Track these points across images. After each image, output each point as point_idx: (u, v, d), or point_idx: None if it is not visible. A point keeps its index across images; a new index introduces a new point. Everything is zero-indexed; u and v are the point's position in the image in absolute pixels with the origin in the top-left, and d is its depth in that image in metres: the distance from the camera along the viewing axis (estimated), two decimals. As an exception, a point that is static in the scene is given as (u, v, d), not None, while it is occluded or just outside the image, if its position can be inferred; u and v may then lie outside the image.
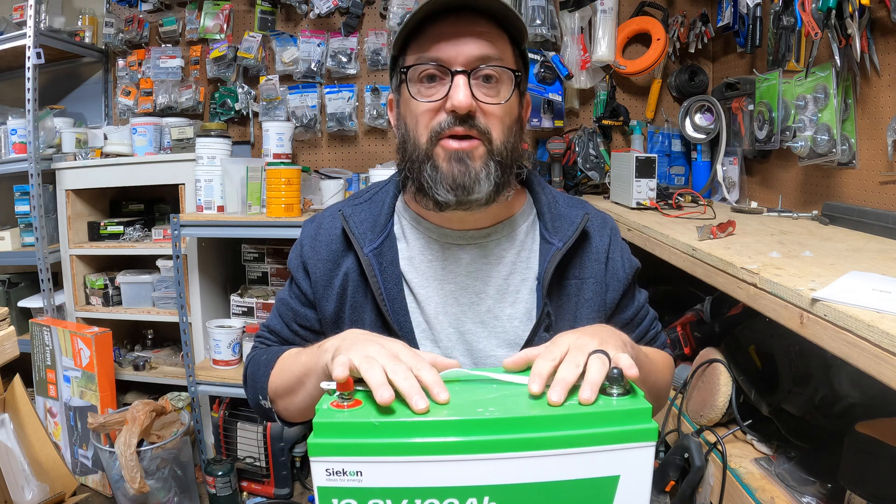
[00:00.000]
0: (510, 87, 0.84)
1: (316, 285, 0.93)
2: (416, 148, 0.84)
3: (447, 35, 0.81)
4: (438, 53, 0.81)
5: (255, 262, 2.52)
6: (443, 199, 0.82)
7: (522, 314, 0.89)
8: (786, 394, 1.14)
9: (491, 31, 0.83)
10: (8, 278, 2.72)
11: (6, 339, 1.39)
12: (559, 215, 0.92)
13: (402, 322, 0.88)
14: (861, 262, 1.04)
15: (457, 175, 0.81)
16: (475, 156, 0.82)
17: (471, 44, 0.81)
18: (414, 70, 0.83)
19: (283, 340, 1.00)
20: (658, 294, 1.86)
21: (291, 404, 0.87)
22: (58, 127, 2.59)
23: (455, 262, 0.90)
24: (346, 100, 2.54)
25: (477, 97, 0.81)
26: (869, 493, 0.89)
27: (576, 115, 2.54)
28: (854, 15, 1.38)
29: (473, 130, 0.81)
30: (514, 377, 0.67)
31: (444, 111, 0.82)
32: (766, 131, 1.81)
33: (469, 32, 0.81)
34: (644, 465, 0.59)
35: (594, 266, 0.92)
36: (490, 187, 0.82)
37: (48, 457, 2.14)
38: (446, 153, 0.82)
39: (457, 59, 0.81)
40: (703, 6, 2.31)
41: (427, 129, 0.83)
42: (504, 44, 0.84)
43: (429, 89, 0.83)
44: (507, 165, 0.84)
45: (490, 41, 0.82)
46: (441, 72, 0.82)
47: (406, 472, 0.57)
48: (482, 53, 0.81)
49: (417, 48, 0.83)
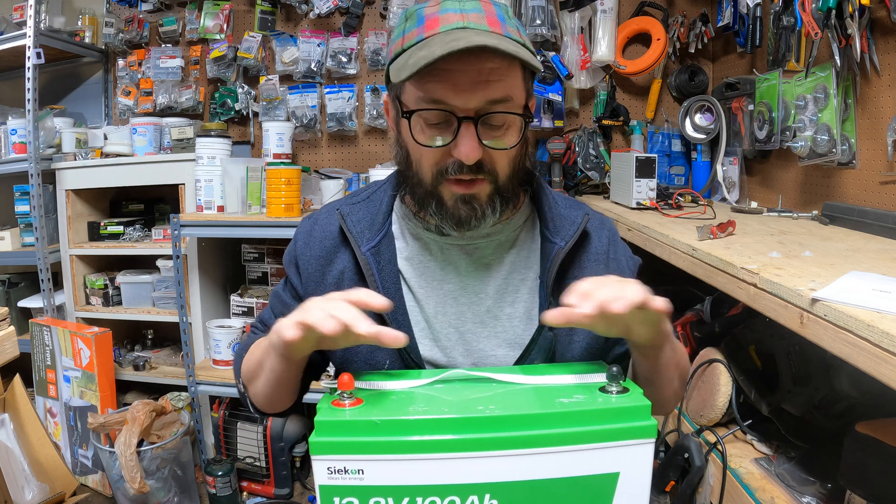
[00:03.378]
0: (518, 132, 0.81)
1: (307, 281, 0.93)
2: (421, 183, 0.83)
3: (454, 76, 0.75)
4: (444, 98, 0.76)
5: (255, 262, 2.52)
6: (447, 232, 0.85)
7: (522, 314, 0.89)
8: (786, 394, 1.14)
9: (500, 65, 0.76)
10: (8, 278, 2.72)
11: (6, 339, 1.39)
12: (560, 216, 0.92)
13: (399, 321, 0.88)
14: (861, 262, 1.04)
15: (463, 216, 0.81)
16: (481, 195, 0.81)
17: (479, 90, 0.76)
18: (418, 114, 0.79)
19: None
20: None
21: (257, 389, 0.89)
22: (58, 127, 2.59)
23: (454, 262, 0.90)
24: (346, 100, 2.54)
25: (484, 142, 0.78)
26: (869, 493, 0.89)
27: (576, 115, 2.54)
28: (854, 15, 1.38)
29: (480, 174, 0.80)
30: (514, 377, 0.67)
31: (449, 156, 0.79)
32: (766, 131, 1.81)
33: (478, 74, 0.75)
34: (643, 462, 0.59)
35: (594, 266, 0.91)
36: (495, 219, 0.84)
37: (48, 457, 2.14)
38: (453, 194, 0.81)
39: (464, 106, 0.76)
40: (703, 6, 2.31)
41: (431, 168, 0.81)
42: (514, 75, 0.79)
43: (432, 129, 0.79)
44: (511, 196, 0.85)
45: (500, 79, 0.76)
46: (446, 117, 0.77)
47: (407, 469, 0.57)
48: (490, 98, 0.76)
49: (420, 83, 0.77)
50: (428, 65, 0.72)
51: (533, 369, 0.76)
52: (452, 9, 0.78)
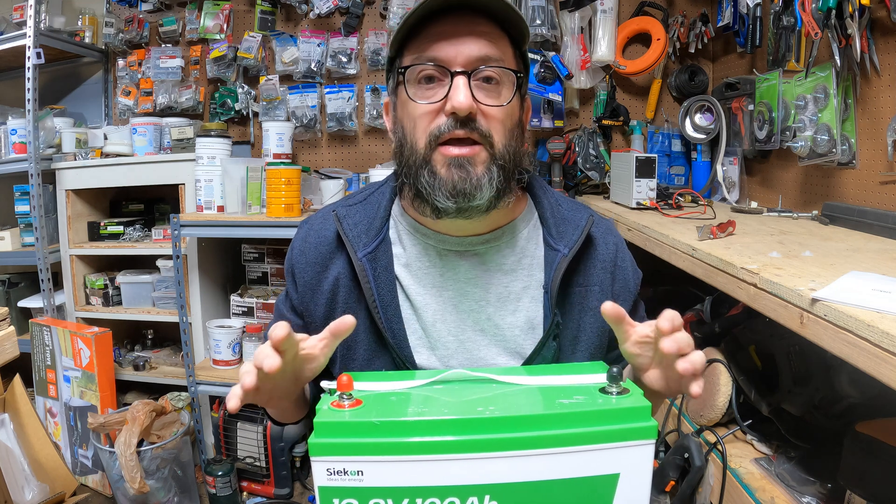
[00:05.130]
0: (511, 88, 0.82)
1: (303, 291, 0.91)
2: (414, 153, 0.82)
3: (446, 34, 0.79)
4: (437, 53, 0.79)
5: (255, 262, 2.52)
6: (442, 205, 0.80)
7: (523, 322, 0.87)
8: (786, 394, 1.14)
9: (492, 31, 0.80)
10: (8, 278, 2.72)
11: (6, 339, 1.39)
12: (563, 219, 0.90)
13: (395, 329, 0.85)
14: (861, 262, 1.04)
15: (457, 181, 0.78)
16: (476, 161, 0.79)
17: (471, 44, 0.79)
18: (412, 71, 0.81)
19: None
20: (658, 294, 1.86)
21: (271, 410, 0.87)
22: (58, 127, 2.59)
23: (454, 269, 0.87)
24: (346, 100, 2.54)
25: (478, 99, 0.79)
26: (869, 493, 0.89)
27: (576, 115, 2.54)
28: (854, 15, 1.38)
29: (475, 133, 0.79)
30: (514, 377, 0.67)
31: (443, 114, 0.79)
32: (766, 131, 1.81)
33: (469, 32, 0.79)
34: (644, 463, 0.59)
35: (600, 274, 0.89)
36: (492, 193, 0.80)
37: (48, 457, 2.14)
38: (445, 159, 0.79)
39: (456, 60, 0.78)
40: (703, 6, 2.31)
41: (425, 132, 0.80)
42: (505, 45, 0.82)
43: (427, 90, 0.80)
44: (509, 170, 0.82)
45: (491, 41, 0.80)
46: (440, 72, 0.79)
47: (407, 471, 0.57)
48: (483, 54, 0.79)
49: (415, 48, 0.81)
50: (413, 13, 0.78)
51: (533, 370, 0.76)
52: None
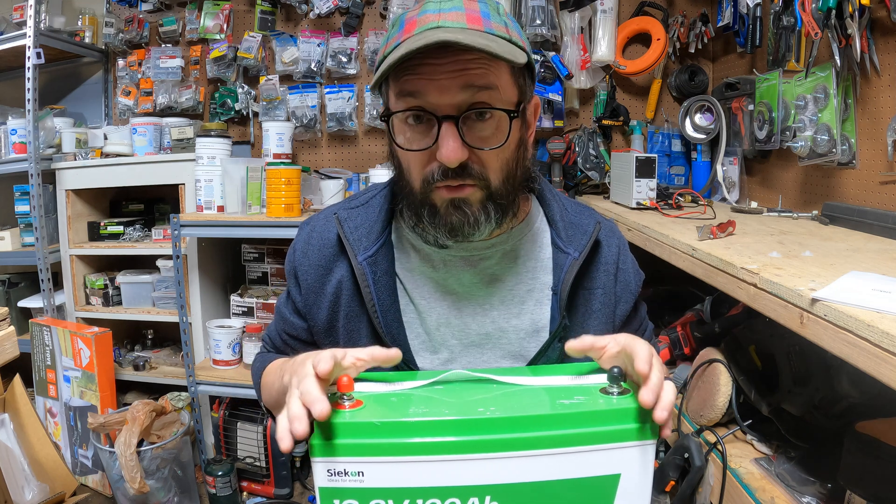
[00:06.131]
0: (507, 126, 0.76)
1: (307, 294, 0.90)
2: (412, 192, 0.80)
3: (431, 73, 0.72)
4: (423, 99, 0.73)
5: (255, 262, 2.52)
6: (442, 242, 0.81)
7: (528, 325, 0.87)
8: (786, 394, 1.14)
9: (481, 57, 0.72)
10: (8, 278, 2.72)
11: (6, 339, 1.39)
12: (571, 223, 0.89)
13: (395, 334, 0.85)
14: (861, 262, 1.04)
15: (455, 223, 0.78)
16: (472, 200, 0.77)
17: (457, 86, 0.72)
18: (398, 115, 0.77)
19: (275, 348, 1.00)
20: (658, 294, 1.86)
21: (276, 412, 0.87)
22: (58, 127, 2.59)
23: (457, 274, 0.86)
24: (346, 100, 2.54)
25: (469, 143, 0.74)
26: (869, 493, 0.89)
27: (576, 115, 2.54)
28: (854, 15, 1.38)
29: (468, 179, 0.76)
30: (515, 378, 0.67)
31: (434, 160, 0.75)
32: (766, 131, 1.81)
33: (455, 69, 0.72)
34: (644, 463, 0.59)
35: (603, 277, 0.88)
36: (491, 227, 0.79)
37: (48, 457, 2.14)
38: (443, 200, 0.78)
39: (441, 106, 0.73)
40: (703, 6, 2.31)
41: (419, 176, 0.78)
42: (499, 68, 0.74)
43: (415, 132, 0.76)
44: (508, 201, 0.80)
45: (483, 71, 0.73)
46: (427, 117, 0.75)
47: (407, 472, 0.57)
48: (470, 97, 0.73)
49: (401, 82, 0.74)
50: (392, 66, 0.71)
51: (533, 370, 0.76)
52: (431, 10, 0.75)
